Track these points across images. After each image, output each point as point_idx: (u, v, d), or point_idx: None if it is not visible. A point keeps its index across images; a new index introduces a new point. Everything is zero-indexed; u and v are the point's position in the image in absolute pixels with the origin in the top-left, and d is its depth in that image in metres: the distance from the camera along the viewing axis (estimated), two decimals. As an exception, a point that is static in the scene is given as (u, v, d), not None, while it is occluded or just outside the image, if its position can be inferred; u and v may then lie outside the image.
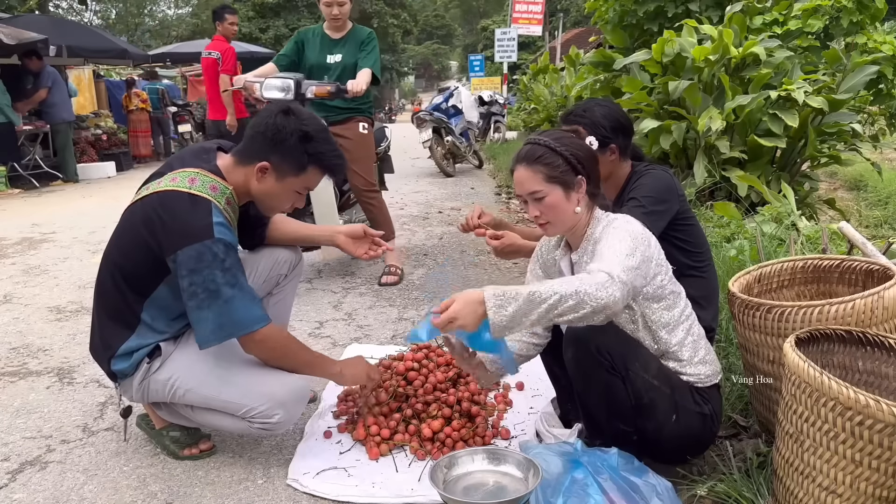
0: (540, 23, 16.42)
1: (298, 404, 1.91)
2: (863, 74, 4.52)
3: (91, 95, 12.27)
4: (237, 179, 1.87)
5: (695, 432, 1.72)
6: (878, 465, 1.35)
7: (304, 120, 1.83)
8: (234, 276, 1.74)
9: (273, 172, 1.84)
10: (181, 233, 1.72)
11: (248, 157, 1.86)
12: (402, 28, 38.90)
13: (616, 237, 1.62)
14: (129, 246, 1.84)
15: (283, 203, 1.93)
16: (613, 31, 6.28)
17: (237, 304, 1.74)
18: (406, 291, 3.79)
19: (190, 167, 1.85)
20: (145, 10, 33.70)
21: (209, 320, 1.74)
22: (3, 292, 3.94)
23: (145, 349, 1.88)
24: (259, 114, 1.89)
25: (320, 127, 1.87)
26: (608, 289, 1.45)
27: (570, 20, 35.72)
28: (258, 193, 1.89)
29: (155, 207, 1.79)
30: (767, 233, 3.51)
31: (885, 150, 7.13)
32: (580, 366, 1.70)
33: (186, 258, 1.71)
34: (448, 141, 9.25)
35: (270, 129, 1.81)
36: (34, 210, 7.07)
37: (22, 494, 1.88)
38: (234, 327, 1.76)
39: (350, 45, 3.82)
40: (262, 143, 1.83)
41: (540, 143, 1.71)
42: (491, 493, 1.70)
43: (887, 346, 1.63)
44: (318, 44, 3.85)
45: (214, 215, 1.75)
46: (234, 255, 1.76)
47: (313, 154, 1.84)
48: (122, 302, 1.87)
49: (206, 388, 1.87)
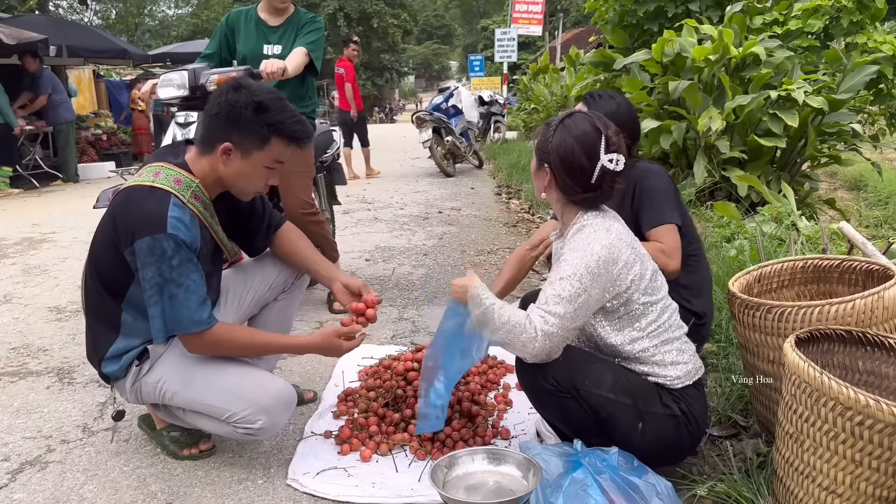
0: (540, 23, 16.43)
1: (283, 410, 1.86)
2: (863, 74, 4.53)
3: (91, 95, 12.27)
4: (203, 169, 1.82)
5: (668, 435, 1.68)
6: (878, 465, 1.35)
7: (255, 91, 1.76)
8: (181, 274, 1.71)
9: (237, 151, 1.77)
10: (135, 224, 1.70)
11: (209, 143, 1.80)
12: (402, 28, 38.87)
13: (567, 269, 1.62)
14: (101, 246, 1.83)
15: (256, 182, 1.85)
16: (613, 31, 6.28)
17: (179, 304, 1.71)
18: (406, 291, 3.79)
19: (159, 162, 1.84)
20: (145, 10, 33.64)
21: (157, 317, 1.73)
22: (3, 292, 3.94)
23: (134, 351, 1.87)
24: (210, 97, 1.83)
25: (274, 96, 1.79)
26: (533, 344, 1.61)
27: (570, 20, 35.73)
28: (228, 178, 1.82)
29: (118, 203, 1.78)
30: (767, 233, 3.51)
31: (885, 150, 7.13)
32: (531, 391, 1.77)
33: (139, 250, 1.69)
34: (448, 141, 9.25)
35: (224, 108, 1.75)
36: (34, 210, 7.07)
37: (22, 494, 1.88)
38: (175, 326, 1.74)
39: (292, 32, 3.23)
40: (219, 124, 1.76)
41: (552, 122, 1.75)
42: (491, 493, 1.70)
43: (887, 346, 1.63)
44: (253, 30, 3.23)
45: (172, 209, 1.71)
46: (184, 252, 1.72)
47: (272, 124, 1.76)
48: (103, 304, 1.87)
49: (190, 392, 1.86)
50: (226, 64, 3.27)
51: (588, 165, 1.65)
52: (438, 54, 57.30)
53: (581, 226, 1.70)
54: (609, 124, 1.70)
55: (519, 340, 1.61)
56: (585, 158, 1.65)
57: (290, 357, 2.79)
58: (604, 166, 1.64)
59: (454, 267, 4.32)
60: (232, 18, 3.29)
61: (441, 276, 4.12)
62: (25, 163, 9.05)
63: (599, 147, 1.65)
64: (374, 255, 4.68)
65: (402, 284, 3.94)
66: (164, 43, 26.84)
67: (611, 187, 1.69)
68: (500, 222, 5.88)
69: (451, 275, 4.13)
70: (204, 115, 1.82)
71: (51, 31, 9.80)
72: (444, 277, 4.08)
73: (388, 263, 4.45)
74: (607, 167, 1.65)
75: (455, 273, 4.17)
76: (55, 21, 13.22)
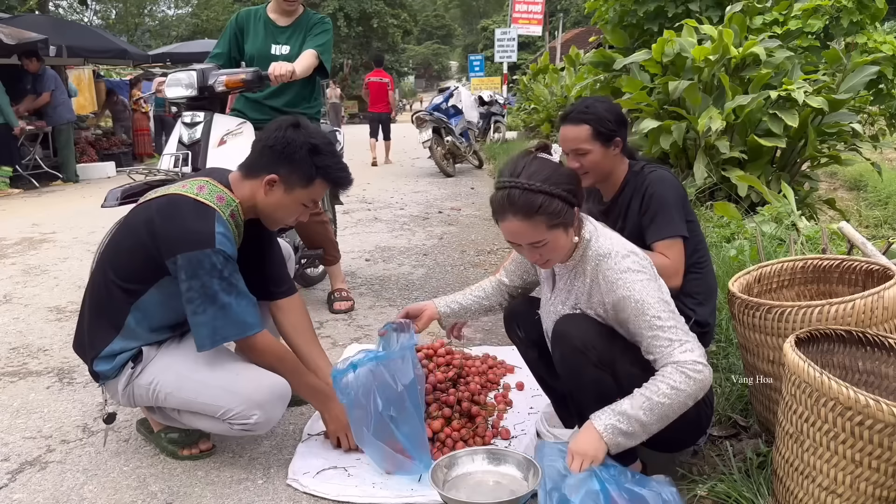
0: (540, 23, 16.41)
1: (277, 404, 1.90)
2: (863, 74, 4.53)
3: (91, 95, 12.24)
4: (244, 193, 1.91)
5: (689, 417, 1.67)
6: (878, 465, 1.35)
7: (312, 133, 1.88)
8: (230, 285, 1.78)
9: (281, 185, 1.87)
10: (182, 237, 1.75)
11: (256, 171, 1.89)
12: (402, 28, 38.81)
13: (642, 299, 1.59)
14: (127, 246, 1.87)
15: (289, 216, 1.96)
16: (613, 31, 6.29)
17: (234, 311, 1.79)
18: (406, 291, 3.79)
19: (203, 176, 1.91)
20: (145, 10, 33.66)
21: (205, 325, 1.78)
22: (3, 292, 3.94)
23: (128, 353, 1.89)
24: (266, 128, 1.93)
25: (327, 141, 1.91)
26: (704, 374, 1.54)
27: (570, 20, 35.73)
28: (265, 206, 1.91)
29: (159, 209, 1.83)
30: (767, 233, 3.51)
31: (885, 150, 7.13)
32: (568, 363, 1.71)
33: (186, 263, 1.74)
34: (448, 141, 9.25)
35: (280, 143, 1.85)
36: (34, 210, 7.07)
37: (22, 494, 1.88)
38: (228, 331, 1.80)
39: (301, 33, 3.22)
40: (271, 156, 1.86)
41: (534, 189, 1.55)
42: (491, 492, 1.70)
43: (887, 346, 1.63)
44: (262, 31, 3.22)
45: (218, 225, 1.78)
46: (232, 265, 1.80)
47: (321, 167, 1.88)
48: (110, 301, 1.88)
49: (184, 391, 1.88)
50: (235, 64, 3.27)
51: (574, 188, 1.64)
52: (438, 54, 57.26)
53: (590, 236, 1.70)
54: (528, 150, 1.69)
55: (693, 389, 1.53)
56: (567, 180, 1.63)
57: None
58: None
59: (454, 267, 4.32)
60: (241, 18, 3.27)
61: (441, 276, 4.12)
62: (25, 163, 9.04)
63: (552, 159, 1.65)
64: (374, 256, 4.68)
65: (403, 284, 3.94)
66: (164, 43, 26.80)
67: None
68: (500, 222, 5.88)
69: (451, 275, 4.13)
70: (256, 143, 1.92)
71: (51, 31, 9.79)
72: (444, 277, 4.08)
73: (388, 263, 4.45)
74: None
75: (455, 273, 4.17)
76: (55, 21, 13.22)
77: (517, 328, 2.04)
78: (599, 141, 2.07)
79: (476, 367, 2.48)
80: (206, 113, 2.95)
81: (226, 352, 1.95)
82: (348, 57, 34.19)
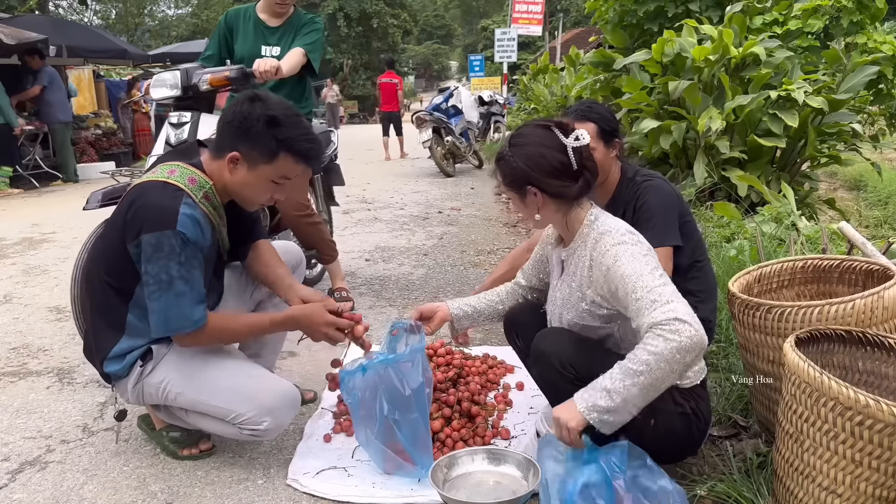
0: (540, 23, 16.40)
1: (288, 410, 1.88)
2: (863, 74, 4.53)
3: (91, 95, 12.25)
4: (215, 174, 1.85)
5: (678, 432, 1.68)
6: (878, 465, 1.35)
7: (270, 105, 1.77)
8: (188, 271, 1.72)
9: (244, 162, 1.79)
10: (145, 218, 1.71)
11: (220, 150, 1.82)
12: (401, 28, 38.80)
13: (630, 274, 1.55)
14: (109, 244, 1.83)
15: (260, 194, 1.87)
16: (613, 31, 6.28)
17: (185, 301, 1.72)
18: (406, 291, 3.79)
19: (175, 161, 1.86)
20: (145, 10, 33.61)
21: (158, 312, 1.73)
22: (3, 292, 3.94)
23: (137, 351, 1.87)
24: (228, 104, 1.85)
25: (289, 112, 1.80)
26: (689, 332, 1.42)
27: (570, 20, 35.71)
28: (232, 185, 1.84)
29: (130, 198, 1.79)
30: (767, 233, 3.51)
31: (885, 150, 7.13)
32: (546, 381, 1.75)
33: (146, 245, 1.69)
34: (448, 141, 9.25)
35: (237, 118, 1.77)
36: (34, 210, 7.07)
37: (22, 494, 1.88)
38: (175, 323, 1.75)
39: (291, 33, 3.17)
40: (231, 132, 1.78)
41: (503, 152, 1.73)
42: (491, 493, 1.70)
43: (887, 346, 1.63)
44: (252, 31, 3.17)
45: (184, 206, 1.72)
46: (191, 250, 1.73)
47: (282, 139, 1.76)
48: (109, 304, 1.86)
49: (195, 393, 1.86)
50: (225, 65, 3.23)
51: (562, 157, 1.67)
52: (438, 54, 57.23)
53: (594, 217, 1.71)
54: (549, 119, 1.75)
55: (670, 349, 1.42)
56: (556, 153, 1.67)
57: (289, 357, 2.79)
58: (574, 148, 1.67)
59: (454, 267, 4.32)
60: (230, 18, 3.23)
61: (441, 276, 4.12)
62: (25, 163, 9.04)
63: (558, 138, 1.68)
64: (374, 255, 4.68)
65: (403, 284, 3.94)
66: (164, 43, 26.80)
67: (592, 162, 1.72)
68: (500, 222, 5.88)
69: (451, 275, 4.12)
70: (219, 121, 1.84)
71: (51, 31, 9.80)
72: (444, 277, 4.07)
73: (388, 263, 4.45)
74: (577, 146, 1.67)
75: (455, 273, 4.17)
76: (55, 21, 13.22)
77: (516, 338, 2.05)
78: (603, 140, 2.09)
79: (476, 367, 2.48)
80: (192, 113, 2.91)
81: (234, 350, 1.94)
82: (348, 57, 34.20)
